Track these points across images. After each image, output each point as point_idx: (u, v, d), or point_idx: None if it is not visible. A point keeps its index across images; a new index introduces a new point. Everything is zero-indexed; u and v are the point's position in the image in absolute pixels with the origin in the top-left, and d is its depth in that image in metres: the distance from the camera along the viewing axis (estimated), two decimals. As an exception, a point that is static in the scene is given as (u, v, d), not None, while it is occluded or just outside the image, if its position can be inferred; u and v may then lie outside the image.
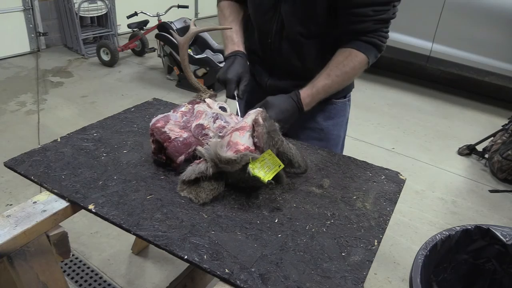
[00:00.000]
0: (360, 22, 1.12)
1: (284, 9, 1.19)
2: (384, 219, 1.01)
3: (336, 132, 1.41)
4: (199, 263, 0.84)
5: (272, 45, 1.28)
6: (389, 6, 1.11)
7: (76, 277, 1.85)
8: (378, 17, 1.11)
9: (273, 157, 1.03)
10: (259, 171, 0.98)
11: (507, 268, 1.17)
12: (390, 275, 1.97)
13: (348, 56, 1.15)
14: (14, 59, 4.53)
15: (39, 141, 2.93)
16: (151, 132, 1.11)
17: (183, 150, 1.09)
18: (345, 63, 1.15)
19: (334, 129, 1.40)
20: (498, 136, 2.93)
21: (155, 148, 1.13)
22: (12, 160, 1.15)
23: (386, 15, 1.12)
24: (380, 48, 1.17)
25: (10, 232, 0.90)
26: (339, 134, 1.43)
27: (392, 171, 1.21)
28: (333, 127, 1.40)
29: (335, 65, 1.16)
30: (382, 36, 1.16)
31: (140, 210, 0.98)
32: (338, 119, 1.40)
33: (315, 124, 1.38)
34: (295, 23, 1.20)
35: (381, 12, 1.11)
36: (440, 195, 2.62)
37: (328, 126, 1.39)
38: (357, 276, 0.83)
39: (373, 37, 1.15)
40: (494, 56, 3.68)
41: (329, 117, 1.38)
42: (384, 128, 3.46)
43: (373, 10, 1.10)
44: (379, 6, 1.10)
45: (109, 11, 4.72)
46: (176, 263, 1.93)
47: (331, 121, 1.39)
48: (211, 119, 1.14)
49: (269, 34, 1.27)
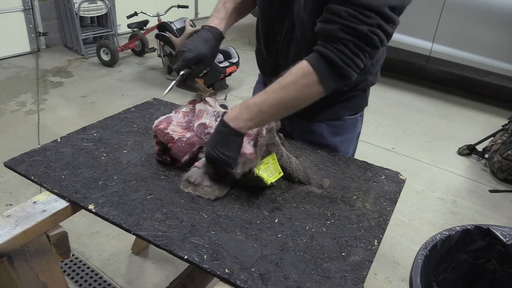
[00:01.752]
0: (327, 21, 0.88)
1: (297, 8, 1.06)
2: (384, 219, 1.01)
3: (344, 149, 1.30)
4: (199, 263, 0.84)
5: (281, 44, 1.17)
6: (370, 18, 0.84)
7: (76, 277, 1.85)
8: (350, 23, 0.85)
9: (276, 163, 1.05)
10: (263, 173, 1.01)
11: (507, 268, 1.17)
12: (390, 275, 1.97)
13: (296, 69, 0.92)
14: (14, 59, 4.53)
15: (39, 141, 2.93)
16: (154, 134, 1.12)
17: (187, 150, 1.10)
18: (288, 76, 0.92)
19: (342, 145, 1.30)
20: (498, 136, 2.93)
21: (159, 149, 1.13)
22: (12, 160, 1.15)
23: (360, 27, 0.84)
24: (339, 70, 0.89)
25: (10, 232, 0.90)
26: (347, 151, 1.32)
27: (392, 171, 1.21)
28: (340, 143, 1.29)
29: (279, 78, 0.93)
30: (345, 54, 0.87)
31: (140, 210, 0.98)
32: (348, 135, 1.29)
33: (321, 140, 1.28)
34: (306, 24, 1.06)
35: (356, 21, 0.85)
36: (440, 195, 2.62)
37: (336, 142, 1.29)
38: (357, 276, 0.83)
39: (330, 50, 0.88)
40: (494, 56, 3.68)
41: (336, 133, 1.28)
42: (384, 128, 3.46)
43: (347, 12, 0.85)
44: (357, 11, 0.84)
45: (109, 11, 4.72)
46: (176, 263, 1.93)
47: (339, 137, 1.28)
48: (212, 118, 1.14)
49: (278, 33, 1.16)
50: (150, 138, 1.30)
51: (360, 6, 0.83)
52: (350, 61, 0.89)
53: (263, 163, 1.01)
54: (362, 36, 0.86)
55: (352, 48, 0.87)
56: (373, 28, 0.85)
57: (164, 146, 1.11)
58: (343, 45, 0.87)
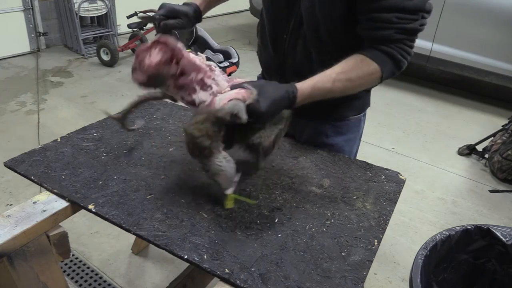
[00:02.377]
0: (381, 28, 0.98)
1: (304, 5, 1.08)
2: (384, 219, 1.01)
3: (348, 148, 1.31)
4: (199, 263, 0.84)
5: (288, 41, 1.17)
6: (417, 15, 0.97)
7: (76, 277, 1.85)
8: (402, 25, 0.97)
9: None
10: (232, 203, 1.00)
11: (507, 268, 1.17)
12: (390, 275, 1.97)
13: (359, 63, 1.01)
14: (14, 59, 4.52)
15: (39, 141, 2.93)
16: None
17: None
18: (353, 69, 1.01)
19: (346, 145, 1.30)
20: (498, 136, 2.93)
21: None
22: (12, 160, 1.15)
23: (412, 25, 0.97)
24: (399, 63, 1.02)
25: (10, 232, 0.90)
26: (351, 151, 1.33)
27: (392, 171, 1.21)
28: (345, 143, 1.30)
29: (341, 69, 1.01)
30: (403, 49, 1.01)
31: (140, 210, 0.98)
32: (351, 135, 1.30)
33: (325, 139, 1.28)
34: (314, 22, 1.09)
35: (406, 21, 0.96)
36: (440, 195, 2.62)
37: (340, 142, 1.29)
38: (357, 276, 0.83)
39: (393, 48, 1.00)
40: (494, 56, 3.67)
41: (340, 133, 1.28)
42: (384, 128, 3.46)
43: (396, 17, 0.95)
44: (405, 14, 0.95)
45: (109, 11, 4.71)
46: (176, 263, 1.93)
47: (343, 137, 1.29)
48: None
49: (285, 30, 1.17)
50: (150, 138, 1.30)
51: (404, 10, 0.95)
52: (408, 54, 1.02)
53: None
54: (413, 32, 1.00)
55: (409, 44, 1.01)
56: (420, 21, 0.99)
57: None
58: (402, 43, 1.00)
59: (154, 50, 0.93)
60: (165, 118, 1.44)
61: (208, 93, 0.95)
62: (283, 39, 1.18)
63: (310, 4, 1.07)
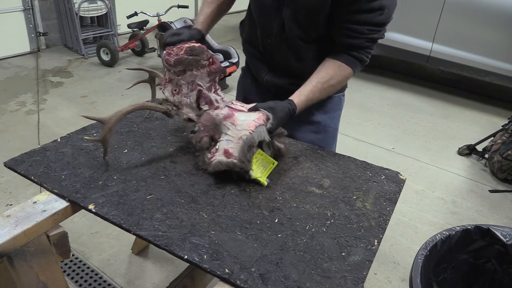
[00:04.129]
0: (354, 37, 1.17)
1: (286, 13, 1.22)
2: (384, 219, 1.01)
3: (333, 125, 1.45)
4: (199, 263, 0.84)
5: (272, 45, 1.31)
6: (382, 28, 1.17)
7: (76, 277, 1.85)
8: (371, 36, 1.17)
9: (266, 156, 1.13)
10: (257, 172, 1.08)
11: (507, 268, 1.17)
12: (390, 275, 1.97)
13: (337, 70, 1.21)
14: (14, 59, 4.53)
15: (39, 141, 2.93)
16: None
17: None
18: (334, 77, 1.21)
19: (331, 122, 1.44)
20: (498, 136, 2.93)
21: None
22: (12, 160, 1.15)
23: (377, 35, 1.18)
24: (364, 64, 1.24)
25: (10, 232, 0.90)
26: (336, 127, 1.48)
27: (392, 171, 1.21)
28: (330, 120, 1.43)
29: (325, 79, 1.20)
30: (369, 53, 1.22)
31: (140, 210, 0.98)
32: (335, 112, 1.44)
33: (312, 117, 1.40)
34: (295, 27, 1.23)
35: (374, 32, 1.17)
36: (440, 195, 2.62)
37: (325, 119, 1.42)
38: (357, 276, 0.83)
39: (362, 53, 1.20)
40: (494, 56, 3.67)
41: (325, 111, 1.41)
42: (384, 128, 3.46)
43: (368, 29, 1.16)
44: (374, 27, 1.16)
45: (109, 11, 4.72)
46: (176, 263, 1.93)
47: (327, 114, 1.42)
48: None
49: (269, 35, 1.29)
50: (150, 138, 1.30)
51: (375, 24, 1.15)
52: (370, 55, 1.24)
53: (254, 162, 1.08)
54: (377, 40, 1.21)
55: (372, 48, 1.22)
56: (383, 31, 1.20)
57: None
58: (369, 48, 1.21)
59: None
60: (165, 118, 1.44)
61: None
62: (268, 42, 1.31)
63: (292, 12, 1.20)
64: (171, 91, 1.15)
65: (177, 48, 1.12)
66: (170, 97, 1.15)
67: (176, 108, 1.16)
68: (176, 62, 1.09)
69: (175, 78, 1.13)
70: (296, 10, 1.20)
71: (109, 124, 1.07)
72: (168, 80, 1.15)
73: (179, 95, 1.15)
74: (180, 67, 1.10)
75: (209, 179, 1.11)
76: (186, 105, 1.14)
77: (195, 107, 1.14)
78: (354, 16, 1.14)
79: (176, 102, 1.15)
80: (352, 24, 1.16)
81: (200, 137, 1.13)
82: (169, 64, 1.11)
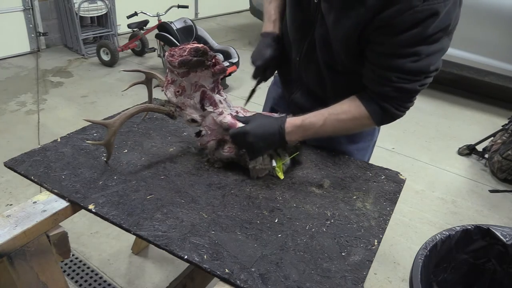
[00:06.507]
0: (380, 84, 0.98)
1: (318, 32, 1.08)
2: (384, 219, 1.01)
3: (359, 157, 1.30)
4: (199, 263, 0.84)
5: (300, 63, 1.19)
6: (419, 77, 0.95)
7: (76, 277, 1.85)
8: (400, 85, 0.95)
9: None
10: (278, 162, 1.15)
11: (507, 268, 1.17)
12: (390, 275, 1.97)
13: (353, 107, 1.03)
14: (14, 59, 4.53)
15: (39, 141, 2.93)
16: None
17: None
18: (344, 112, 1.04)
19: (358, 153, 1.30)
20: (498, 136, 2.93)
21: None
22: (12, 160, 1.15)
23: (410, 85, 0.95)
24: (392, 116, 1.03)
25: (10, 232, 0.90)
26: (363, 160, 1.32)
27: (392, 171, 1.21)
28: (357, 151, 1.29)
29: (334, 110, 1.05)
30: (400, 105, 1.00)
31: (140, 210, 0.98)
32: (364, 143, 1.30)
33: (338, 146, 1.28)
34: (325, 52, 1.09)
35: (405, 81, 0.95)
36: (440, 195, 2.62)
37: (352, 150, 1.28)
38: (357, 276, 0.83)
39: (389, 104, 1.00)
40: (494, 56, 3.67)
41: (353, 141, 1.28)
42: (384, 128, 3.44)
43: (397, 77, 0.94)
44: (406, 75, 0.94)
45: (109, 11, 4.71)
46: (176, 263, 1.93)
47: (355, 145, 1.29)
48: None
49: (298, 52, 1.18)
50: (150, 138, 1.30)
51: (406, 72, 0.94)
52: (405, 108, 1.02)
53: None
54: (411, 92, 0.98)
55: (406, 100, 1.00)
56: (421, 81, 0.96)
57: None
58: (399, 100, 1.00)
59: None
60: (165, 118, 1.44)
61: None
62: (296, 60, 1.20)
63: (323, 33, 1.05)
64: (174, 92, 1.14)
65: (179, 49, 1.11)
66: (173, 99, 1.15)
67: (179, 109, 1.16)
68: (181, 63, 1.08)
69: (179, 79, 1.13)
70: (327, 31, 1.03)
71: (113, 127, 1.07)
72: (170, 82, 1.15)
73: (182, 96, 1.14)
74: (184, 69, 1.10)
75: (209, 179, 1.11)
76: (190, 106, 1.14)
77: (199, 108, 1.14)
78: (382, 58, 0.95)
79: (179, 103, 1.15)
80: (379, 68, 0.96)
81: (207, 141, 1.14)
82: (173, 65, 1.10)
